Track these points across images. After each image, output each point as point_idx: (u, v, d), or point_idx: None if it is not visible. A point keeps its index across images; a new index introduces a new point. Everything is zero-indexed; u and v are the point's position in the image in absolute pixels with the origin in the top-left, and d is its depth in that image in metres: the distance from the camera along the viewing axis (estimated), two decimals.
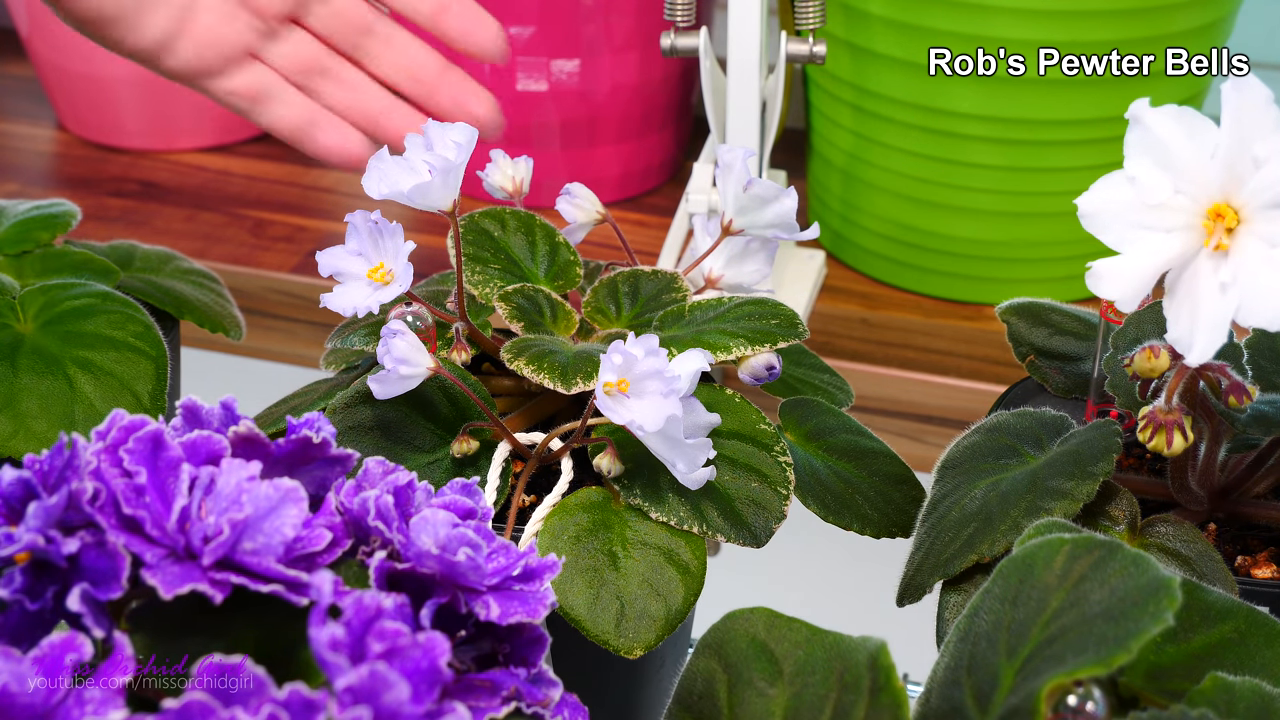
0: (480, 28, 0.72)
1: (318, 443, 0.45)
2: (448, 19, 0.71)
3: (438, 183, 0.59)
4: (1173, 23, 0.94)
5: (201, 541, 0.40)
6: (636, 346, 0.53)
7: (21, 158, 1.26)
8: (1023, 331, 0.68)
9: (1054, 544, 0.45)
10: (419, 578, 0.44)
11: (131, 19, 0.66)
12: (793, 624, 0.47)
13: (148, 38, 0.67)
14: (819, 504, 0.60)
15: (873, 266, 1.07)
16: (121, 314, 0.65)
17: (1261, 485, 0.59)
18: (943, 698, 0.45)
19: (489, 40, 0.72)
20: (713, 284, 0.67)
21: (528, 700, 0.43)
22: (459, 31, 0.72)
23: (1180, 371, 0.53)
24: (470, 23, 0.72)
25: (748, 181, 0.64)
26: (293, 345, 1.08)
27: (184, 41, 0.67)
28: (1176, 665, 0.46)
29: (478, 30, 0.72)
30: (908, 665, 0.59)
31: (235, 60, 0.70)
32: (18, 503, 0.41)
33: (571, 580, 0.55)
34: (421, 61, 0.72)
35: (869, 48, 0.98)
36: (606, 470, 0.57)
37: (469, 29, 0.72)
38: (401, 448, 0.59)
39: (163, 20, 0.66)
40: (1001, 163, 0.98)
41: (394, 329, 0.57)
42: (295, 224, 1.15)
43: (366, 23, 0.71)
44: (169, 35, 0.67)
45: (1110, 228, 0.51)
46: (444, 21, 0.71)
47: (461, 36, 0.72)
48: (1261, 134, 0.48)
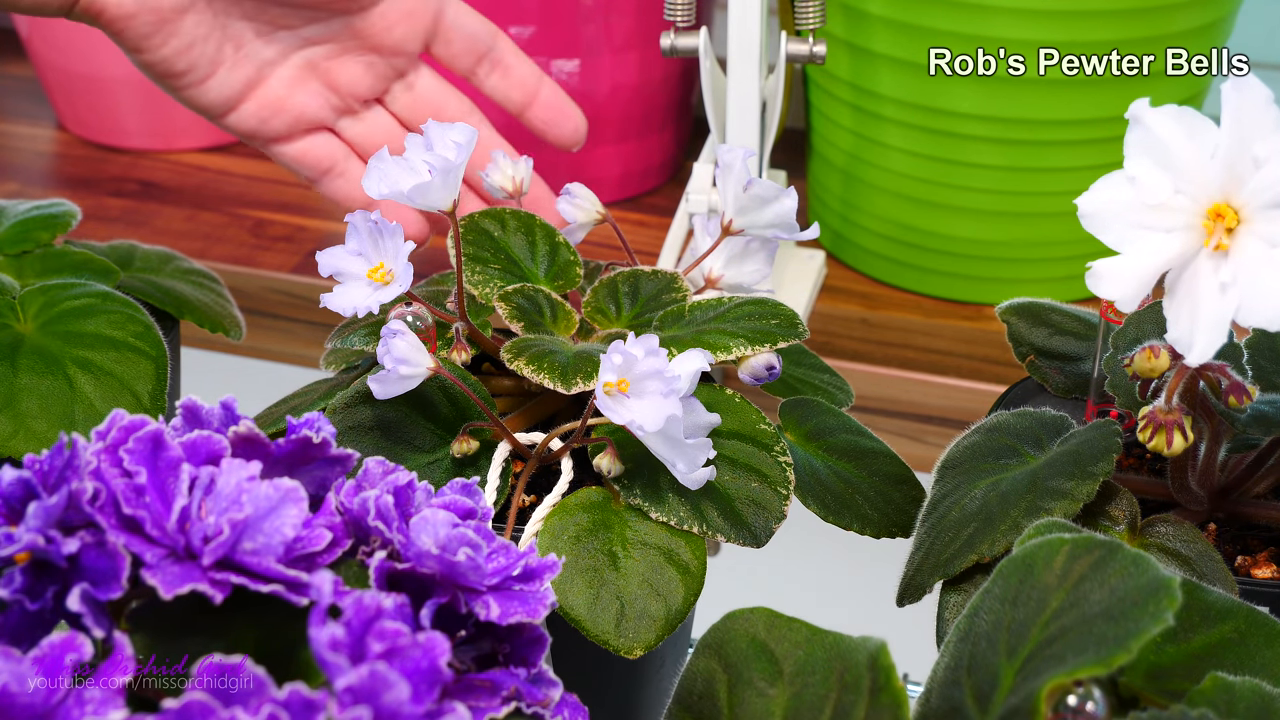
0: (564, 120, 0.74)
1: (318, 443, 0.45)
2: (535, 110, 0.73)
3: (438, 183, 0.59)
4: (1173, 23, 0.94)
5: (201, 541, 0.40)
6: (636, 346, 0.53)
7: (21, 158, 1.26)
8: (1023, 331, 0.68)
9: (1054, 544, 0.45)
10: (419, 578, 0.44)
11: (200, 76, 0.66)
12: (793, 624, 0.47)
13: (212, 97, 0.67)
14: (819, 504, 0.60)
15: (873, 266, 1.07)
16: (121, 314, 0.65)
17: (1261, 485, 0.59)
18: (943, 698, 0.45)
19: (569, 133, 0.74)
20: (713, 284, 0.67)
21: (528, 700, 0.43)
22: (543, 122, 0.74)
23: (1180, 371, 0.53)
24: (555, 114, 0.74)
25: (748, 181, 0.64)
26: (293, 345, 1.08)
27: (249, 105, 0.68)
28: (1176, 665, 0.46)
29: (561, 123, 0.74)
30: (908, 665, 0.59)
31: (303, 130, 0.70)
32: (18, 503, 0.41)
33: (571, 580, 0.55)
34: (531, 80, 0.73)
35: (869, 48, 0.98)
36: (606, 470, 0.57)
37: (553, 120, 0.74)
38: (401, 448, 0.59)
39: (231, 83, 0.67)
40: (1001, 163, 0.98)
41: (394, 329, 0.57)
42: (295, 224, 1.15)
43: (448, 112, 0.72)
44: (235, 97, 0.67)
45: (1110, 228, 0.51)
46: (530, 112, 0.73)
47: (545, 127, 0.74)
48: (1261, 134, 0.48)
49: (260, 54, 0.67)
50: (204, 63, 0.65)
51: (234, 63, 0.66)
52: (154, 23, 0.63)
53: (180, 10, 0.63)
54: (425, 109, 0.72)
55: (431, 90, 0.72)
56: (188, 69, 0.65)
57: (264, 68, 0.67)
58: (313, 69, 0.68)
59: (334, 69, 0.69)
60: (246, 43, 0.66)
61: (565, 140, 0.74)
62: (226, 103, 0.67)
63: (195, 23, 0.64)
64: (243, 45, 0.66)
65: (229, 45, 0.66)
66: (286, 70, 0.68)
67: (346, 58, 0.69)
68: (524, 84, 0.73)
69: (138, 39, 0.64)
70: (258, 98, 0.68)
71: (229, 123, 0.69)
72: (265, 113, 0.69)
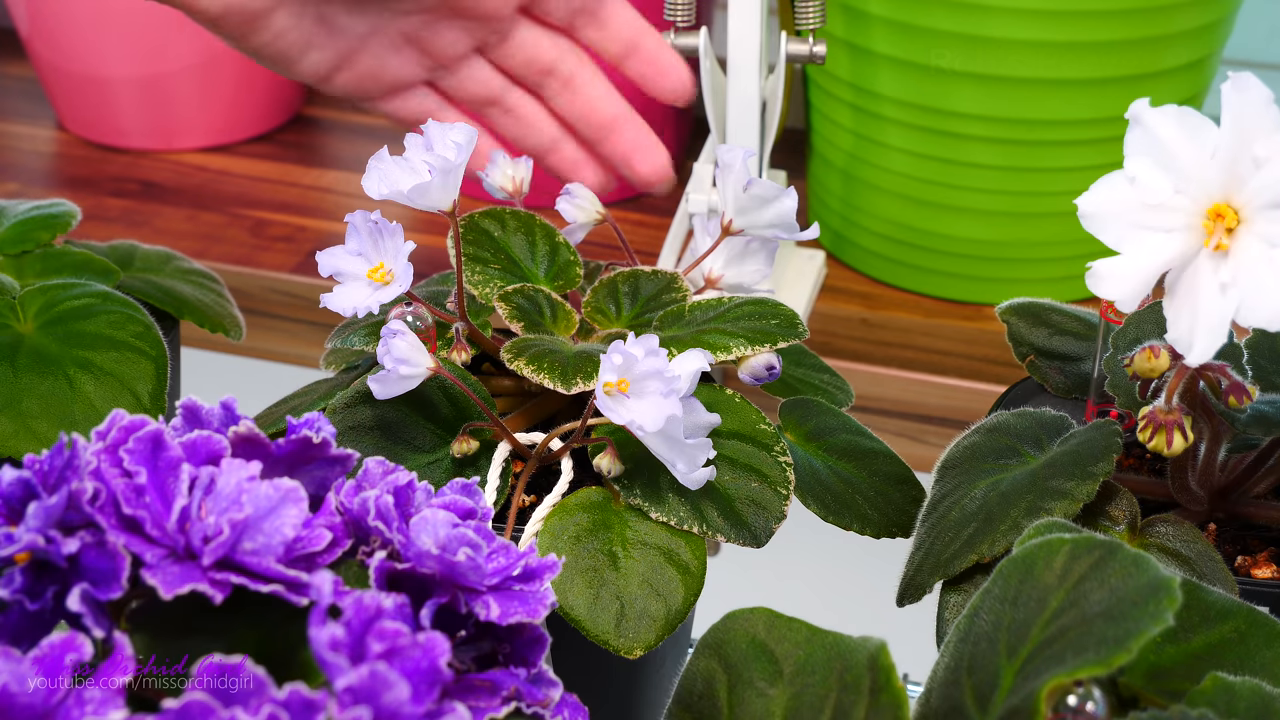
0: (663, 74, 0.71)
1: (318, 443, 0.45)
2: (634, 61, 0.71)
3: (437, 183, 0.59)
4: (1173, 23, 0.94)
5: (201, 541, 0.40)
6: (636, 346, 0.53)
7: (21, 158, 1.26)
8: (1023, 331, 0.68)
9: (1054, 544, 0.45)
10: (419, 578, 0.44)
11: (294, 58, 0.66)
12: (793, 624, 0.47)
13: (305, 72, 0.67)
14: (819, 504, 0.60)
15: (873, 266, 1.07)
16: (121, 314, 0.65)
17: (1261, 485, 0.59)
18: (943, 698, 0.45)
19: (670, 87, 0.72)
20: (713, 284, 0.67)
21: (528, 700, 0.43)
22: (641, 74, 0.71)
23: (1180, 371, 0.53)
24: (654, 68, 0.71)
25: (747, 182, 0.64)
26: (293, 345, 1.08)
27: (343, 76, 0.67)
28: (1176, 665, 0.46)
29: (660, 77, 0.71)
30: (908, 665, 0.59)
31: (401, 89, 0.69)
32: (18, 503, 0.41)
33: (571, 580, 0.55)
34: (599, 106, 0.72)
35: (869, 48, 0.98)
36: (606, 470, 0.57)
37: (652, 74, 0.71)
38: (401, 448, 0.59)
39: (324, 60, 0.66)
40: (1001, 163, 0.98)
41: (394, 329, 0.57)
42: (295, 224, 1.15)
43: (549, 62, 0.70)
44: (329, 72, 0.67)
45: (1110, 228, 0.51)
46: (630, 63, 0.71)
47: (643, 79, 0.71)
48: (1261, 134, 0.48)
49: (352, 29, 0.66)
50: (296, 48, 0.65)
51: (325, 42, 0.66)
52: (244, 21, 0.64)
53: (269, 10, 0.63)
54: (523, 62, 0.71)
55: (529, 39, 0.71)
56: (280, 54, 0.66)
57: (357, 41, 0.67)
58: (408, 38, 0.68)
59: (429, 37, 0.68)
60: (338, 22, 0.66)
61: (667, 94, 0.72)
62: (320, 76, 0.67)
63: (285, 15, 0.64)
64: (334, 25, 0.66)
65: (320, 27, 0.65)
66: (380, 41, 0.67)
67: (442, 25, 0.68)
68: (621, 36, 0.71)
69: (228, 33, 0.64)
70: (351, 69, 0.67)
71: (329, 91, 0.68)
72: (359, 81, 0.68)
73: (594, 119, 0.71)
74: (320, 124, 1.33)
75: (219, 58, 1.23)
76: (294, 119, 1.33)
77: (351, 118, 1.34)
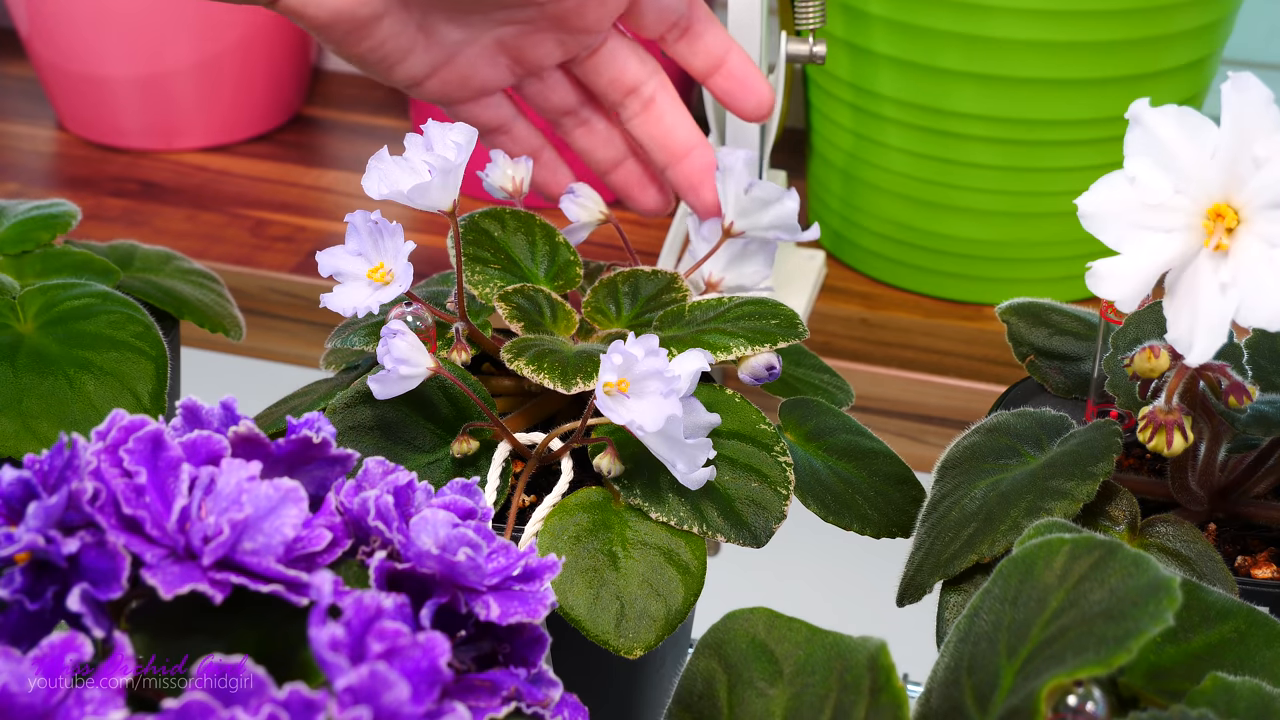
0: (745, 92, 0.71)
1: (318, 443, 0.45)
2: (719, 77, 0.71)
3: (437, 183, 0.59)
4: (1173, 23, 0.94)
5: (201, 541, 0.40)
6: (636, 346, 0.53)
7: (21, 158, 1.26)
8: (1023, 331, 0.68)
9: (1054, 544, 0.45)
10: (419, 578, 0.44)
11: (391, 64, 0.66)
12: (793, 624, 0.47)
13: (399, 77, 0.67)
14: (819, 504, 0.60)
15: (873, 266, 1.07)
16: (121, 314, 0.65)
17: (1261, 485, 0.59)
18: (943, 698, 0.45)
19: (752, 105, 0.71)
20: (713, 287, 0.67)
21: (528, 700, 0.43)
22: (724, 92, 0.71)
23: (1180, 371, 0.53)
24: (737, 85, 0.71)
25: (749, 184, 0.64)
26: (293, 345, 1.08)
27: (434, 80, 0.68)
28: (1176, 665, 0.46)
29: (742, 95, 0.71)
30: (908, 665, 0.59)
31: (485, 95, 0.70)
32: (18, 503, 0.41)
33: (571, 580, 0.55)
34: (676, 133, 0.71)
35: (869, 48, 0.98)
36: (606, 470, 0.57)
37: (734, 91, 0.71)
38: (401, 448, 0.59)
39: (420, 65, 0.67)
40: (1001, 163, 0.98)
41: (394, 329, 0.57)
42: (295, 224, 1.15)
43: (633, 81, 0.70)
44: (422, 77, 0.68)
45: (1110, 228, 0.51)
46: (715, 79, 0.71)
47: (726, 97, 0.71)
48: (1261, 134, 0.48)
49: (450, 37, 0.67)
50: (396, 55, 0.66)
51: (424, 49, 0.67)
52: (350, 29, 0.64)
53: (376, 18, 0.64)
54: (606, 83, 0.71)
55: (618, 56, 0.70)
56: (380, 61, 0.66)
57: (454, 49, 0.67)
58: (502, 46, 0.68)
59: (524, 47, 0.68)
60: (438, 30, 0.66)
61: (747, 112, 0.72)
62: (413, 81, 0.68)
63: (390, 23, 0.64)
64: (435, 33, 0.66)
65: (421, 35, 0.66)
66: (476, 49, 0.68)
67: (538, 36, 0.68)
68: (709, 52, 0.70)
69: (333, 40, 0.65)
70: (444, 75, 0.68)
71: (412, 93, 0.69)
72: (448, 86, 0.69)
73: (668, 144, 0.71)
74: (320, 124, 1.33)
75: (219, 58, 1.23)
76: (294, 119, 1.33)
77: (351, 118, 1.34)
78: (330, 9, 0.63)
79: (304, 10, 0.63)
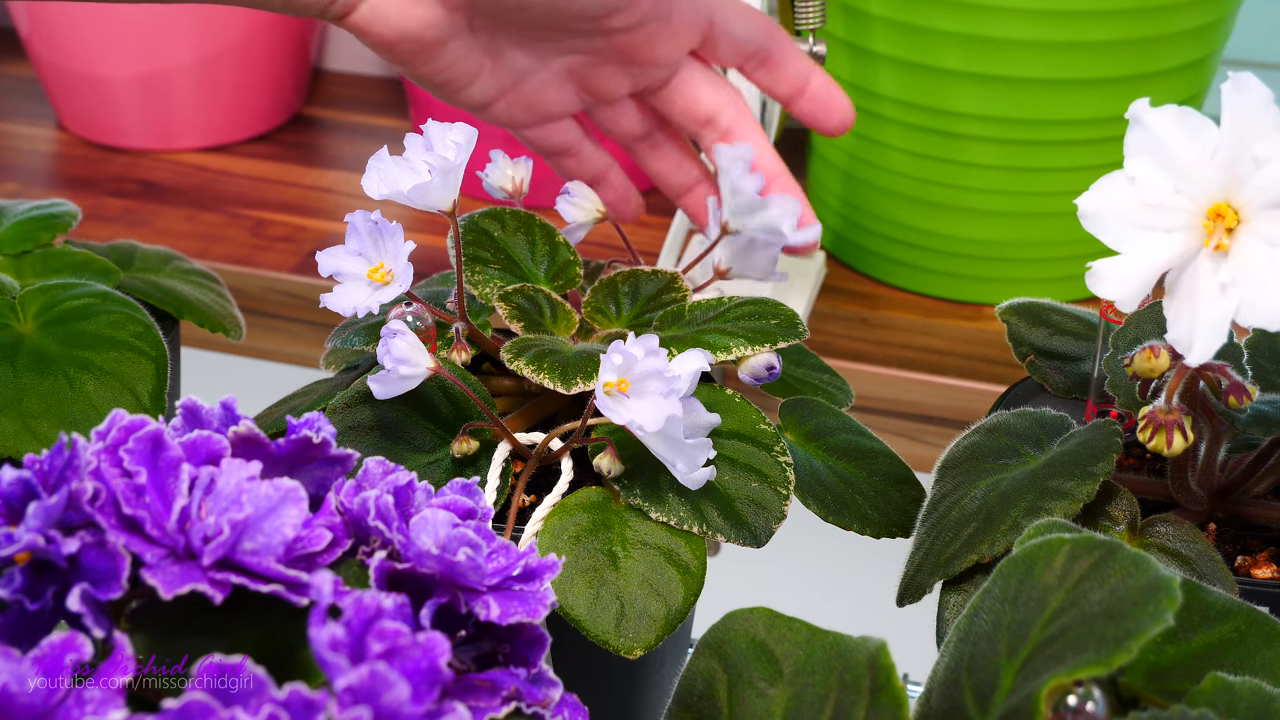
0: (828, 113, 0.70)
1: (318, 443, 0.45)
2: (801, 102, 0.70)
3: (437, 183, 0.59)
4: (1173, 23, 0.94)
5: (201, 541, 0.40)
6: (636, 346, 0.53)
7: (21, 158, 1.26)
8: (1023, 331, 0.68)
9: (1054, 544, 0.45)
10: (419, 578, 0.44)
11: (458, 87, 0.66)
12: (793, 624, 0.47)
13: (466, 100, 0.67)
14: (819, 504, 0.60)
15: (873, 266, 1.07)
16: (121, 314, 0.65)
17: (1261, 485, 0.59)
18: (943, 698, 0.45)
19: (836, 124, 0.71)
20: (722, 275, 0.67)
21: (528, 700, 0.43)
22: (807, 114, 0.70)
23: (1180, 371, 0.53)
24: (820, 106, 0.70)
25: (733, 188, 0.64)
26: (293, 345, 1.08)
27: (502, 104, 0.67)
28: (1176, 665, 0.46)
29: (825, 116, 0.70)
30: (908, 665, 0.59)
31: (553, 120, 0.69)
32: (18, 503, 0.41)
33: (571, 580, 0.55)
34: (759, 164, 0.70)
35: (869, 48, 0.98)
36: (606, 470, 0.57)
37: (816, 113, 0.70)
38: (401, 448, 0.59)
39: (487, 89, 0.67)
40: (1001, 163, 0.98)
41: (394, 329, 0.57)
42: (295, 224, 1.15)
43: (707, 112, 0.70)
44: (490, 100, 0.67)
45: (1110, 228, 0.51)
46: (798, 102, 0.70)
47: (810, 120, 0.70)
48: (1261, 134, 0.48)
49: (518, 63, 0.66)
50: (464, 78, 0.66)
51: (492, 72, 0.66)
52: (416, 50, 0.64)
53: (441, 42, 0.64)
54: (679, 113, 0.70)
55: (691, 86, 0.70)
56: (447, 83, 0.66)
57: (521, 74, 0.67)
58: (571, 74, 0.67)
59: (593, 76, 0.67)
60: (506, 56, 0.66)
61: (831, 130, 0.71)
62: (480, 104, 0.67)
63: (458, 47, 0.64)
64: (502, 58, 0.66)
65: (489, 59, 0.66)
66: (543, 75, 0.67)
67: (607, 67, 0.67)
68: (791, 80, 0.70)
69: (399, 60, 0.64)
70: (511, 99, 0.67)
71: (479, 115, 0.68)
72: (515, 110, 0.68)
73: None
74: (320, 124, 1.33)
75: (219, 58, 1.23)
76: (294, 119, 1.33)
77: (351, 118, 1.34)
78: (396, 29, 0.63)
79: (370, 28, 0.62)
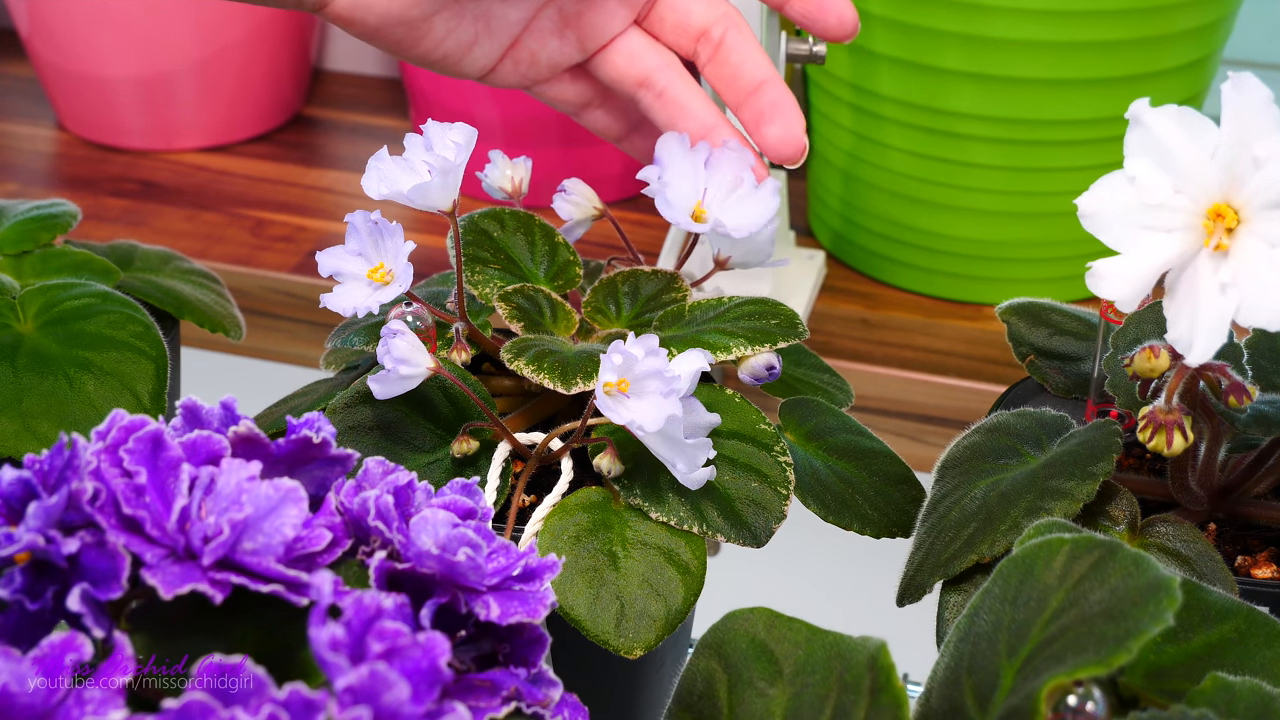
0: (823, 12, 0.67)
1: (318, 443, 0.45)
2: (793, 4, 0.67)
3: (437, 183, 0.59)
4: (1173, 23, 0.94)
5: (201, 541, 0.40)
6: (636, 346, 0.53)
7: (21, 158, 1.27)
8: (1023, 331, 0.68)
9: (1054, 544, 0.45)
10: (419, 578, 0.44)
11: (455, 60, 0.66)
12: (793, 624, 0.47)
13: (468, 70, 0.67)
14: (819, 504, 0.60)
15: (873, 266, 1.07)
16: (121, 314, 0.65)
17: (1261, 485, 0.59)
18: (943, 698, 0.45)
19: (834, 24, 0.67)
20: (722, 265, 0.67)
21: (528, 700, 0.43)
22: (803, 15, 0.68)
23: (1180, 371, 0.53)
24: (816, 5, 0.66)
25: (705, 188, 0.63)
26: (293, 345, 1.08)
27: (505, 65, 0.67)
28: (1176, 665, 0.46)
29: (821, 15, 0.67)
30: (908, 665, 0.59)
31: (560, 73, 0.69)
32: (18, 503, 0.41)
33: (571, 580, 0.55)
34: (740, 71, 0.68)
35: (869, 48, 0.98)
36: (606, 470, 0.57)
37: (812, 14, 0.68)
38: (401, 448, 0.59)
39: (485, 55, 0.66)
40: (1001, 163, 0.98)
41: (394, 329, 0.57)
42: (295, 224, 1.15)
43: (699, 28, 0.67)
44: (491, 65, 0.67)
45: (1110, 228, 0.51)
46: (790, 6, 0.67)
47: (807, 21, 0.68)
48: (1261, 134, 0.48)
49: (509, 17, 0.66)
50: (460, 49, 0.65)
51: (486, 37, 0.66)
52: (404, 32, 0.63)
53: (426, 18, 0.63)
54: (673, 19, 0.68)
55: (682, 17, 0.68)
56: (445, 58, 0.65)
57: (517, 30, 0.66)
58: (565, 18, 0.67)
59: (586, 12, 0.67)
60: (494, 15, 0.65)
61: (830, 32, 0.67)
62: (484, 71, 0.67)
63: (444, 20, 0.64)
64: (493, 19, 0.65)
65: (480, 24, 0.65)
66: (539, 26, 0.67)
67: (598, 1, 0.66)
68: None
69: (389, 46, 0.64)
70: (514, 59, 0.67)
71: (489, 83, 0.68)
72: (522, 68, 0.67)
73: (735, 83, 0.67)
74: (320, 124, 1.33)
75: (219, 58, 1.23)
76: (294, 119, 1.33)
77: (351, 118, 1.34)
78: (379, 14, 0.62)
79: (352, 16, 0.62)
